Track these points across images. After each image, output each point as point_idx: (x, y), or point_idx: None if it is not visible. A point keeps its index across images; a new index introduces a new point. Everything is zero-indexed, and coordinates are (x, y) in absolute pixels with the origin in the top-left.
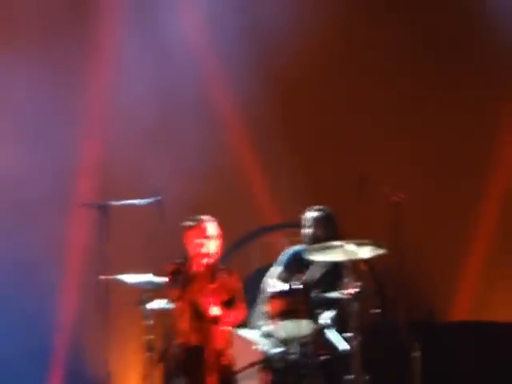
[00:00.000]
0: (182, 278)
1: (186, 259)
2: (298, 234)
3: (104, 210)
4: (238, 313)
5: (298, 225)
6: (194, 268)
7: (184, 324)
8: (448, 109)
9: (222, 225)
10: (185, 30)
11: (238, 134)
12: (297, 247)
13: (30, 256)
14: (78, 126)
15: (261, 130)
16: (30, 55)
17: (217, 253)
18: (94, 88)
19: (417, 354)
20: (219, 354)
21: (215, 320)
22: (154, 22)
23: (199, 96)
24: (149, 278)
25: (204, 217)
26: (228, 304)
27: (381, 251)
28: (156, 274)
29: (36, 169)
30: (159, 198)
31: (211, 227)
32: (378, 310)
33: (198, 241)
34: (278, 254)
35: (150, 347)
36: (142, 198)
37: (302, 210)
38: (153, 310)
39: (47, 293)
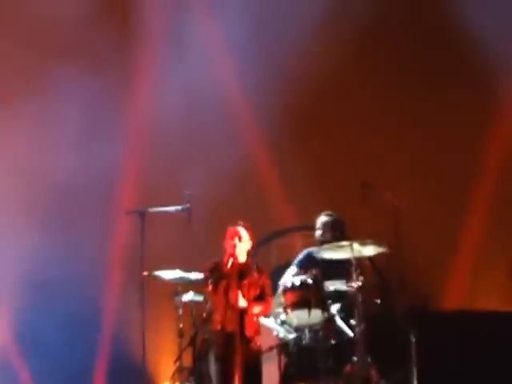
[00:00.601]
0: (216, 274)
1: (221, 258)
2: (311, 235)
3: (142, 215)
4: (268, 305)
5: (310, 227)
6: (227, 265)
7: (219, 313)
8: (441, 125)
9: (251, 228)
10: (211, 57)
11: (259, 149)
12: (310, 249)
13: (79, 253)
14: (121, 140)
15: (279, 146)
16: (83, 75)
17: (248, 253)
18: (134, 108)
19: (413, 338)
20: (249, 340)
21: (245, 311)
22: (185, 51)
23: (225, 115)
24: (180, 273)
25: (240, 222)
26: (259, 298)
27: (382, 249)
28: (184, 270)
29: (86, 176)
30: (188, 205)
31: (243, 232)
32: (379, 301)
33: (230, 242)
34: (292, 253)
35: (180, 334)
36: (174, 205)
37: (315, 215)
38: (183, 302)
39: (94, 285)
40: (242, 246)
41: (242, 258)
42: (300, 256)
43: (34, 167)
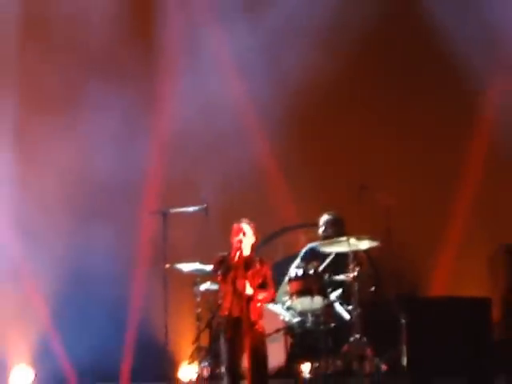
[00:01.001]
0: (225, 266)
1: (229, 252)
2: (312, 231)
3: (164, 215)
4: (269, 293)
5: (313, 224)
6: (234, 258)
7: (227, 301)
8: (428, 134)
9: (254, 225)
10: (225, 73)
11: (267, 156)
12: (312, 244)
13: (111, 247)
14: (147, 148)
15: (285, 154)
16: (115, 89)
17: (252, 246)
18: (158, 119)
19: (403, 321)
20: (254, 323)
21: (250, 298)
22: (202, 67)
23: (237, 126)
24: (197, 266)
25: (244, 220)
26: (261, 286)
27: (375, 243)
28: (203, 262)
29: (117, 180)
30: (205, 205)
31: (247, 228)
32: (373, 289)
33: (237, 238)
34: (297, 248)
35: (198, 318)
36: (193, 206)
37: (316, 214)
38: (201, 290)
39: (123, 277)
40: (247, 240)
41: (246, 251)
42: (303, 250)
43: (72, 171)
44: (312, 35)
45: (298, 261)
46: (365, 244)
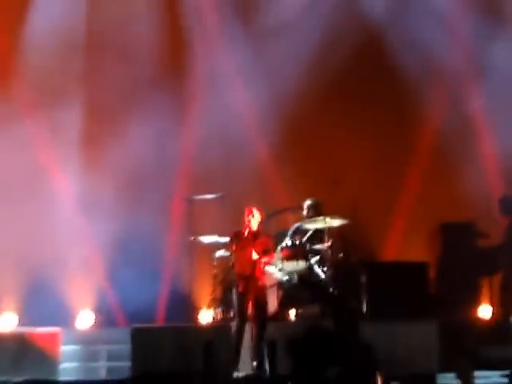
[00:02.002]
0: (238, 238)
1: (241, 227)
2: (299, 212)
3: (190, 201)
4: (270, 257)
5: (299, 207)
6: (244, 233)
7: (238, 263)
8: (385, 139)
9: (260, 208)
10: (235, 96)
11: (265, 157)
12: (298, 223)
13: (149, 224)
14: (178, 149)
15: (279, 155)
16: (157, 99)
17: (259, 224)
18: (187, 130)
19: (364, 279)
20: (258, 279)
21: (255, 261)
22: (219, 87)
23: (244, 136)
24: (215, 238)
25: (253, 204)
26: (264, 252)
27: (345, 221)
28: (219, 235)
29: (155, 172)
30: (221, 194)
31: (255, 210)
32: (342, 255)
33: (246, 218)
34: (286, 224)
35: (214, 276)
36: (212, 194)
37: (302, 199)
38: (217, 256)
39: (160, 246)
40: (255, 220)
41: (254, 227)
42: (292, 227)
43: (123, 168)
44: (301, 66)
45: (287, 235)
46: (337, 222)
